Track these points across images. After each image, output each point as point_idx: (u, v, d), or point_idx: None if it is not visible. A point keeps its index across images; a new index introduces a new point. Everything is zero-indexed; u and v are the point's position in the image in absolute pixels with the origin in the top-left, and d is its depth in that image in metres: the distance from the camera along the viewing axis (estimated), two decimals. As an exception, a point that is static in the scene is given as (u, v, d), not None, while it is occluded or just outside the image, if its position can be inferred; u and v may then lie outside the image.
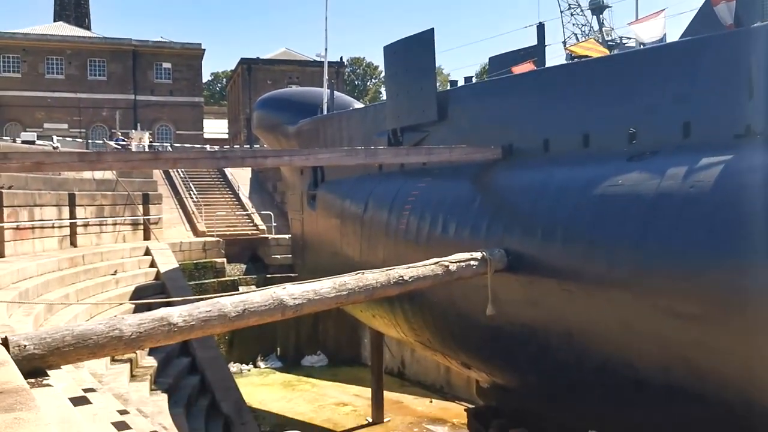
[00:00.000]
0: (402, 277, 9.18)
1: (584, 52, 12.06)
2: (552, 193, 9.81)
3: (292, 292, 8.35)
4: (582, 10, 60.62)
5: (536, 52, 13.94)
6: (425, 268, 9.49)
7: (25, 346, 6.27)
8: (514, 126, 11.61)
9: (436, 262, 9.61)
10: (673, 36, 12.03)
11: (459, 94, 13.43)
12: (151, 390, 13.78)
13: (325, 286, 8.64)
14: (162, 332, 7.31)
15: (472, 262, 9.87)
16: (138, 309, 15.55)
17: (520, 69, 13.29)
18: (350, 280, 8.88)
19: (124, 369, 13.36)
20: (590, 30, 58.56)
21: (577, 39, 55.06)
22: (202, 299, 8.04)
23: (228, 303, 7.84)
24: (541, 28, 13.47)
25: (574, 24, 60.76)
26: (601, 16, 58.19)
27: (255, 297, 8.16)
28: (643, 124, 9.38)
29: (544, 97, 11.08)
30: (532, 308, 9.81)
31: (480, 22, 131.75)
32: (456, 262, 9.74)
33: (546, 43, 13.49)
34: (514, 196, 10.68)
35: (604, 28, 56.85)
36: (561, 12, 60.87)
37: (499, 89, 12.37)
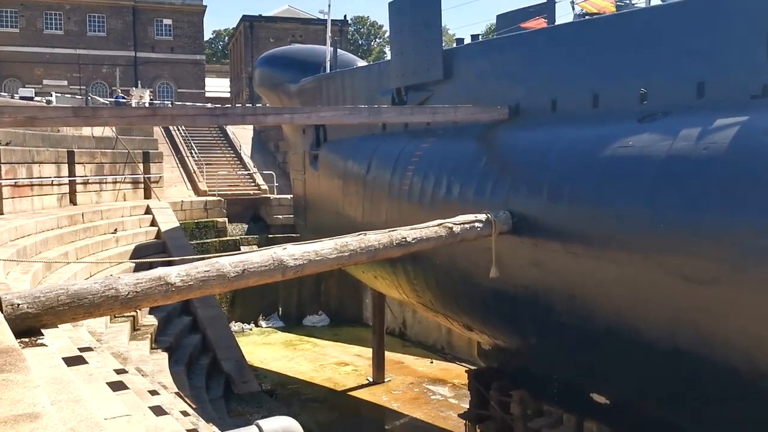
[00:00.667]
0: (405, 238, 8.99)
1: (596, 9, 11.65)
2: (559, 153, 9.56)
3: (293, 253, 8.19)
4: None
5: (545, 9, 13.53)
6: (429, 229, 9.30)
7: (18, 305, 6.11)
8: (521, 85, 11.29)
9: (440, 224, 9.42)
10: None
11: (465, 52, 13.06)
12: (152, 349, 13.77)
13: (326, 247, 8.46)
14: (159, 292, 7.16)
15: (477, 224, 9.67)
16: (138, 268, 15.48)
17: (529, 26, 12.90)
18: (352, 241, 8.71)
19: (124, 327, 13.32)
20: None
21: (573, 6, 53.90)
22: (200, 259, 7.89)
23: (227, 263, 7.68)
24: (550, -17, 13.07)
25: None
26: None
27: (254, 257, 8.00)
28: (655, 84, 9.08)
29: (553, 56, 10.74)
30: (537, 270, 9.65)
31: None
32: (460, 224, 9.54)
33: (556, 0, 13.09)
34: (519, 157, 10.44)
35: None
36: (569, -30, 59.55)
37: (506, 47, 12.00)
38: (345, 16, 59.14)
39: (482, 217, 9.79)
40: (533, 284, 9.82)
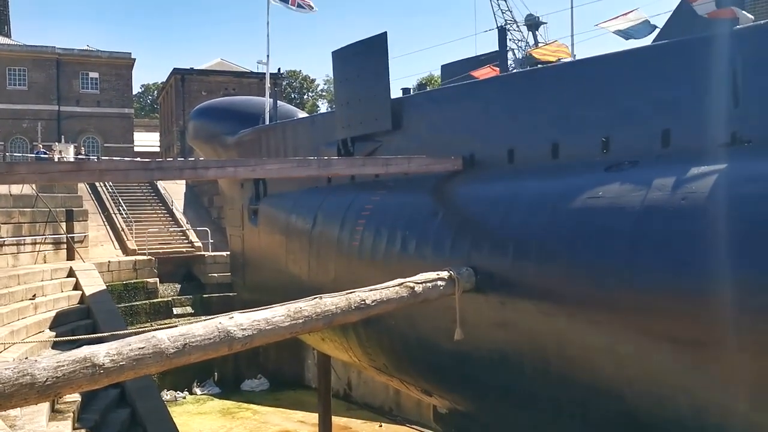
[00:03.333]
0: (364, 301, 8.18)
1: (548, 57, 11.45)
2: (524, 206, 9.05)
3: (241, 323, 7.25)
4: (518, 26, 61.34)
5: (494, 59, 13.29)
6: (389, 290, 8.53)
7: None
8: (475, 135, 10.85)
9: (401, 283, 8.66)
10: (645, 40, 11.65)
11: (415, 101, 12.62)
12: (75, 429, 12.34)
13: (278, 314, 7.56)
14: (84, 376, 6.08)
15: (439, 282, 8.98)
16: (59, 343, 14.08)
17: (480, 74, 12.59)
18: (306, 306, 7.84)
19: (42, 407, 11.86)
20: (526, 45, 59.16)
21: (514, 54, 55.47)
22: (133, 333, 6.85)
23: (165, 338, 6.65)
24: (502, 32, 12.85)
25: (510, 39, 61.33)
26: (536, 31, 58.90)
27: (197, 329, 6.99)
28: (619, 132, 8.76)
29: (509, 104, 10.38)
30: (504, 331, 8.99)
31: (409, 37, 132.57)
32: (422, 283, 8.81)
33: (507, 49, 12.88)
34: (480, 210, 9.88)
35: (539, 44, 57.55)
36: (497, 26, 61.40)
37: (459, 96, 11.59)
38: (279, 69, 58.86)
39: (444, 274, 9.11)
40: (500, 346, 9.14)
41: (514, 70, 15.29)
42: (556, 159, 9.42)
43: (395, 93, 12.95)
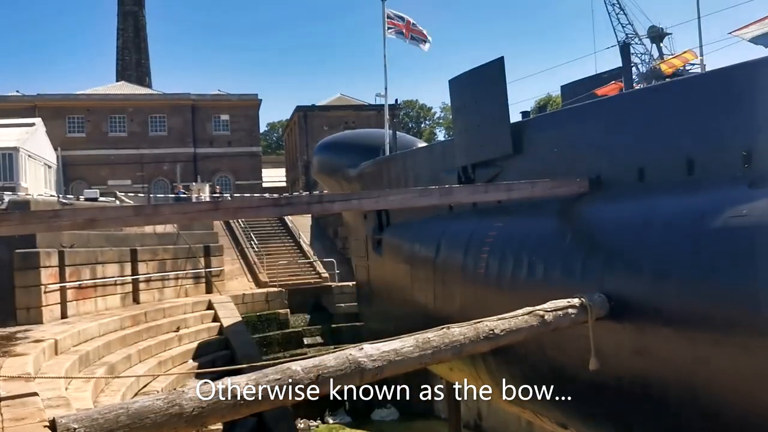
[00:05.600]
0: (493, 330, 8.03)
1: (677, 64, 10.85)
2: (659, 227, 8.55)
3: (371, 353, 7.33)
4: (640, 39, 58.94)
5: (620, 74, 12.80)
6: (518, 319, 8.32)
7: (75, 429, 5.49)
8: (601, 155, 10.44)
9: (530, 312, 8.43)
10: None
11: (536, 124, 12.38)
12: (217, 456, 12.92)
13: (406, 345, 7.58)
14: (227, 406, 6.40)
15: (570, 310, 8.64)
16: (201, 374, 14.86)
17: (605, 92, 12.16)
18: (434, 337, 7.80)
19: (188, 435, 12.53)
20: (650, 58, 56.67)
21: (638, 69, 53.26)
22: (270, 365, 7.12)
23: (299, 369, 6.86)
24: (625, 47, 12.40)
25: (632, 53, 58.98)
26: (661, 44, 56.31)
27: (329, 360, 7.15)
28: (762, 145, 8.10)
29: (638, 121, 9.91)
30: (645, 360, 8.47)
31: (525, 60, 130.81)
32: (552, 311, 8.53)
33: (631, 64, 12.39)
34: (612, 233, 9.45)
35: (665, 57, 54.91)
36: (618, 42, 59.28)
37: (582, 115, 11.24)
38: (396, 100, 59.98)
39: (575, 301, 8.76)
40: (641, 375, 8.62)
41: (639, 86, 14.64)
42: (692, 175, 8.86)
43: (514, 117, 12.80)
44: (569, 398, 10.38)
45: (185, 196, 38.86)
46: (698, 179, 8.74)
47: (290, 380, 6.75)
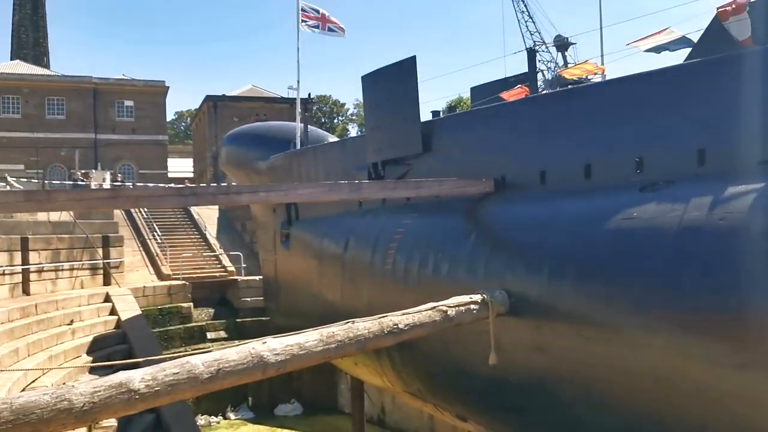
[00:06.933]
0: (397, 325, 8.12)
1: (578, 74, 11.34)
2: (558, 227, 8.93)
3: (274, 347, 7.24)
4: (547, 47, 61.23)
5: (526, 79, 13.24)
6: (422, 314, 8.46)
7: (-51, 426, 5.13)
8: (506, 157, 10.79)
9: (433, 307, 8.59)
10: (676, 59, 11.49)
11: (446, 124, 12.62)
12: (111, 455, 12.42)
13: (310, 339, 7.55)
14: (121, 401, 6.13)
15: (472, 306, 8.88)
16: (96, 368, 14.25)
17: (510, 96, 12.55)
18: (339, 331, 7.81)
19: (79, 432, 11.97)
20: (556, 66, 59.02)
21: (544, 75, 55.30)
22: (168, 358, 6.89)
23: (199, 363, 6.68)
24: (531, 53, 12.81)
25: (539, 60, 61.21)
26: (566, 52, 58.73)
27: (230, 354, 7.01)
28: (653, 152, 8.60)
29: (540, 125, 10.30)
30: (541, 355, 8.83)
31: (438, 60, 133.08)
32: (455, 306, 8.72)
33: (537, 70, 12.84)
34: (514, 232, 9.78)
35: (569, 65, 57.30)
36: (526, 48, 61.35)
37: (489, 117, 11.57)
38: (309, 94, 59.48)
39: (477, 298, 9.01)
40: (538, 371, 8.97)
41: (544, 91, 15.20)
42: (589, 180, 9.30)
43: (425, 116, 12.99)
44: (469, 392, 10.69)
45: (84, 183, 37.04)
46: (595, 183, 9.18)
47: (190, 375, 6.56)
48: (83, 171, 43.05)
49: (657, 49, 11.23)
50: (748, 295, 6.48)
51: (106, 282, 23.88)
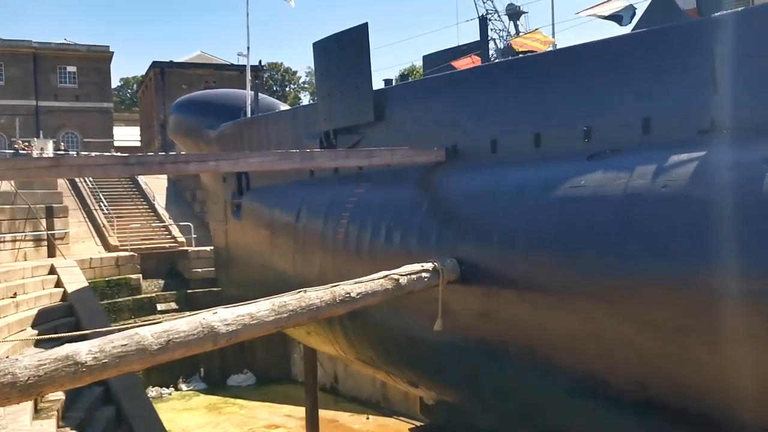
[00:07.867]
0: (349, 294, 8.16)
1: (529, 45, 11.43)
2: (507, 196, 9.05)
3: (225, 318, 7.20)
4: (499, 15, 61.24)
5: (475, 49, 13.25)
6: (373, 282, 8.50)
7: None
8: (457, 126, 10.83)
9: (385, 276, 8.64)
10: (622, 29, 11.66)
11: (397, 93, 12.58)
12: (59, 428, 12.21)
13: (262, 309, 7.52)
14: (67, 374, 6.01)
15: (424, 274, 8.97)
16: (41, 341, 13.93)
17: (461, 64, 12.55)
18: (291, 301, 7.80)
19: (25, 405, 11.73)
20: (508, 35, 59.14)
21: (496, 44, 55.41)
22: (116, 330, 6.78)
23: (148, 334, 6.59)
24: (483, 22, 12.83)
25: (491, 29, 61.25)
26: (517, 21, 58.88)
27: (180, 325, 6.93)
28: (600, 121, 8.77)
29: (491, 94, 10.36)
30: (489, 322, 9.01)
31: (391, 27, 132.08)
32: (406, 275, 8.80)
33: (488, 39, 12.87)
34: (464, 201, 9.87)
35: (520, 34, 57.49)
36: (479, 16, 61.25)
37: (440, 86, 11.55)
38: (260, 61, 58.48)
39: (428, 266, 9.10)
40: (485, 336, 9.17)
41: (496, 60, 15.26)
42: (539, 149, 9.43)
43: (377, 84, 12.92)
44: (420, 359, 10.87)
45: (25, 153, 35.77)
46: (544, 152, 9.31)
47: (138, 346, 6.47)
48: (24, 140, 41.53)
49: (605, 18, 11.38)
50: (688, 261, 6.72)
51: (51, 254, 23.27)
